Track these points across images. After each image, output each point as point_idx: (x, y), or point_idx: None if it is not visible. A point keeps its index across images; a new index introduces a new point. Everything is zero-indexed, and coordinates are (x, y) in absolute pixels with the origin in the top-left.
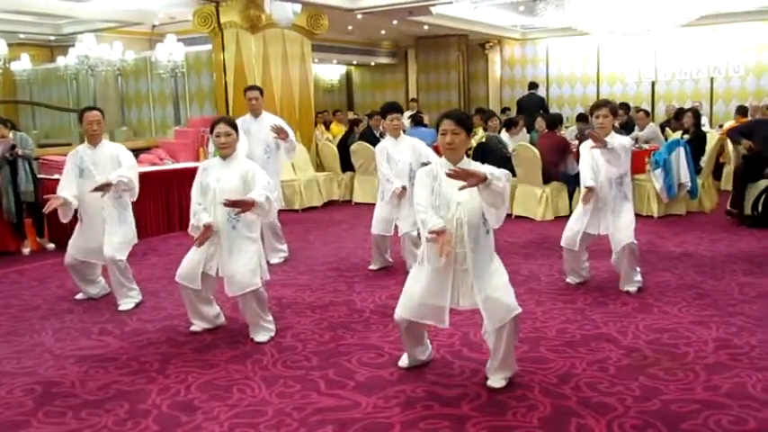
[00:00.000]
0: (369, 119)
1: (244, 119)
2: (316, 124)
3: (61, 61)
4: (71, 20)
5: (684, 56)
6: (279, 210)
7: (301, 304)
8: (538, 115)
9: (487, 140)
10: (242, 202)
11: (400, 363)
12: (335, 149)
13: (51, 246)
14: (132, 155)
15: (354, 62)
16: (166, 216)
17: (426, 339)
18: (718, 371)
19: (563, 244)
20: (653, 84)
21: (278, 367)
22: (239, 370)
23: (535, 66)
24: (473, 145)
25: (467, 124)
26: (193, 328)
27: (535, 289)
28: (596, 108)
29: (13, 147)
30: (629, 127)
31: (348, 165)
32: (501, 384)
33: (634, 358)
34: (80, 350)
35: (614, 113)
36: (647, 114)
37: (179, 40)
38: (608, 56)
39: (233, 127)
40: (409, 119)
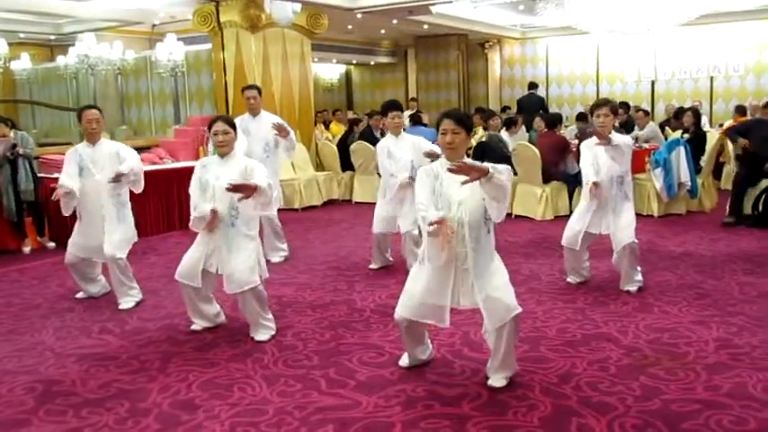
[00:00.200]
0: (368, 118)
1: (242, 118)
2: (315, 124)
3: (61, 60)
4: (71, 19)
5: (684, 55)
6: (279, 209)
7: (302, 303)
8: (537, 115)
9: (488, 139)
10: (245, 187)
11: (401, 362)
12: (335, 149)
13: (52, 244)
14: (132, 150)
15: (354, 61)
16: (166, 215)
17: (427, 339)
18: (718, 371)
19: (564, 243)
20: (653, 83)
21: (279, 366)
22: (240, 369)
23: (535, 65)
24: (473, 144)
25: (467, 124)
26: (194, 327)
27: (535, 288)
28: (597, 107)
29: (14, 146)
30: (628, 126)
31: (348, 164)
32: (502, 384)
33: (635, 358)
34: (81, 349)
35: (615, 112)
36: (647, 114)
37: (179, 40)
38: (608, 55)
39: (231, 125)
40: (408, 118)
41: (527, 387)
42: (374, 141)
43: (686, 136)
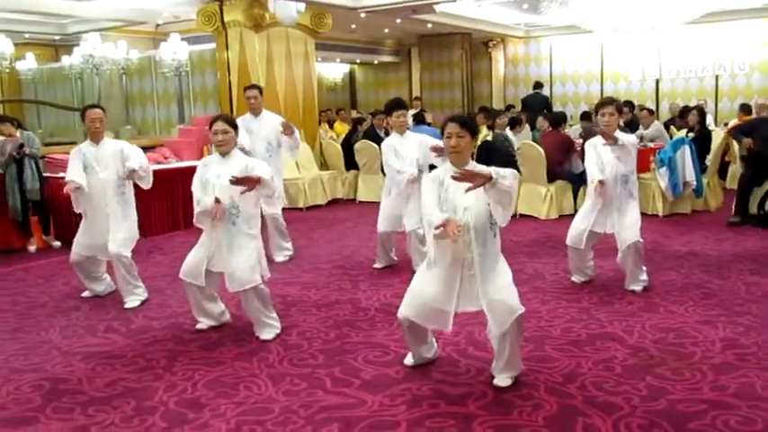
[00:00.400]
0: (372, 117)
1: (244, 118)
2: (319, 123)
3: (66, 60)
4: (76, 19)
5: (689, 53)
6: (283, 208)
7: (306, 302)
8: (541, 114)
9: (494, 139)
10: (248, 179)
11: (406, 361)
12: (339, 148)
13: (57, 243)
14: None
15: (358, 61)
16: (171, 214)
17: (431, 337)
18: (725, 371)
19: (568, 242)
20: (657, 81)
21: (284, 365)
22: (245, 367)
23: (539, 64)
24: (477, 144)
25: (471, 127)
26: (199, 326)
27: (540, 288)
28: (601, 106)
29: (21, 145)
30: (633, 125)
31: (352, 163)
32: (507, 383)
33: (640, 358)
34: (87, 347)
35: (619, 111)
36: (652, 113)
37: (183, 39)
38: (612, 54)
39: (230, 125)
40: (412, 117)
41: (532, 386)
42: (378, 140)
43: (691, 135)
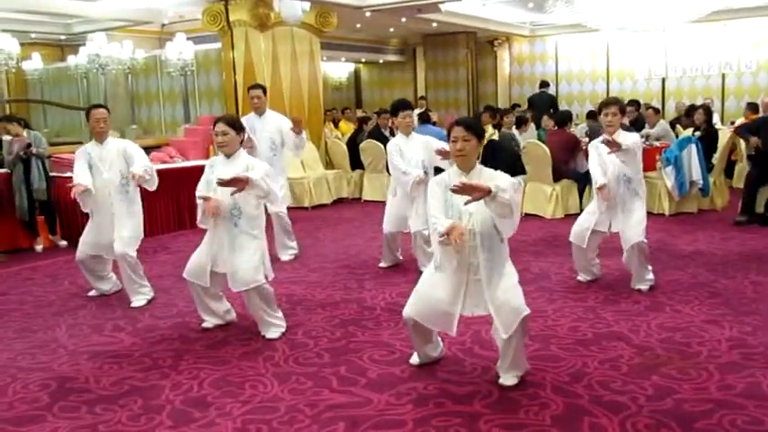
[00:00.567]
0: (377, 116)
1: (248, 117)
2: (325, 122)
3: (72, 60)
4: (81, 19)
5: (695, 52)
6: (288, 207)
7: (312, 301)
8: (546, 113)
9: (501, 138)
10: (236, 180)
11: (411, 360)
12: (345, 147)
13: (63, 243)
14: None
15: (363, 60)
16: (177, 213)
17: (436, 336)
18: (731, 370)
19: (571, 239)
20: (663, 80)
21: (290, 364)
22: (251, 366)
23: (544, 63)
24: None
25: (477, 130)
26: (205, 325)
27: (546, 287)
28: (605, 106)
29: (29, 145)
30: (639, 124)
31: (357, 162)
32: (512, 382)
33: (646, 357)
34: (93, 346)
35: (623, 112)
36: (657, 111)
37: (188, 39)
38: (618, 52)
39: (232, 126)
40: (417, 117)
41: (538, 386)
42: (383, 140)
43: (697, 134)
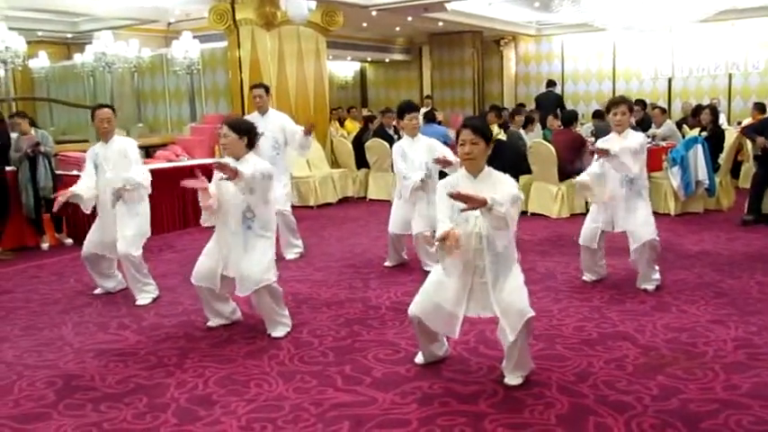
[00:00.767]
0: (382, 115)
1: (251, 116)
2: (330, 121)
3: (78, 58)
4: (88, 17)
5: (702, 52)
6: (293, 206)
7: (317, 300)
8: (552, 112)
9: (509, 137)
10: (228, 168)
11: (416, 359)
12: (350, 146)
13: (69, 241)
14: (138, 150)
15: (369, 59)
16: (182, 212)
17: (442, 336)
18: (737, 370)
19: (581, 242)
20: (669, 80)
21: (295, 363)
22: (256, 365)
23: (550, 62)
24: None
25: (485, 133)
26: (210, 324)
27: (551, 287)
28: (614, 105)
29: (37, 144)
30: (645, 124)
31: (363, 161)
32: (517, 382)
33: (652, 357)
34: (99, 344)
35: (631, 110)
36: (664, 111)
37: (194, 38)
38: (624, 52)
39: (233, 128)
40: (423, 116)
41: (544, 385)
42: (388, 139)
43: (704, 134)
